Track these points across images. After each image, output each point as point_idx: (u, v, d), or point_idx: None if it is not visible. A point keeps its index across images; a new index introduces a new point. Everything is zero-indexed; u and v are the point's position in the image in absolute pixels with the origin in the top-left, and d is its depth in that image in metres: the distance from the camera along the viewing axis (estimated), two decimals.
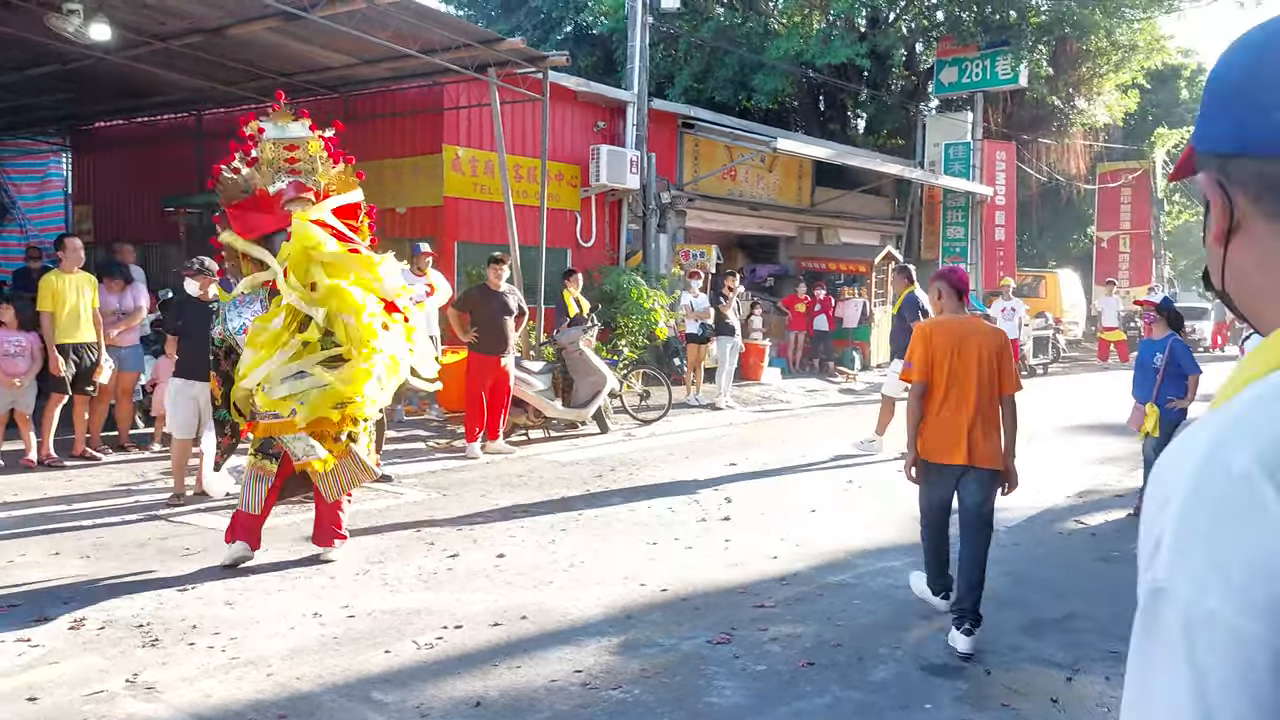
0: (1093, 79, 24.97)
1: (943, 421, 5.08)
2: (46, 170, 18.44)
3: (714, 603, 5.42)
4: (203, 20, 10.48)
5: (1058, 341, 21.05)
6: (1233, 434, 0.75)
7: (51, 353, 8.31)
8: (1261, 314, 0.90)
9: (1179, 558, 0.74)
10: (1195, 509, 0.74)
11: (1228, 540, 0.71)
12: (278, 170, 5.74)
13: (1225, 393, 0.82)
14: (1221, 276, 0.93)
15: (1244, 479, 0.72)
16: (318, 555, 6.03)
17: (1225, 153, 0.89)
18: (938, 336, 5.14)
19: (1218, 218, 0.90)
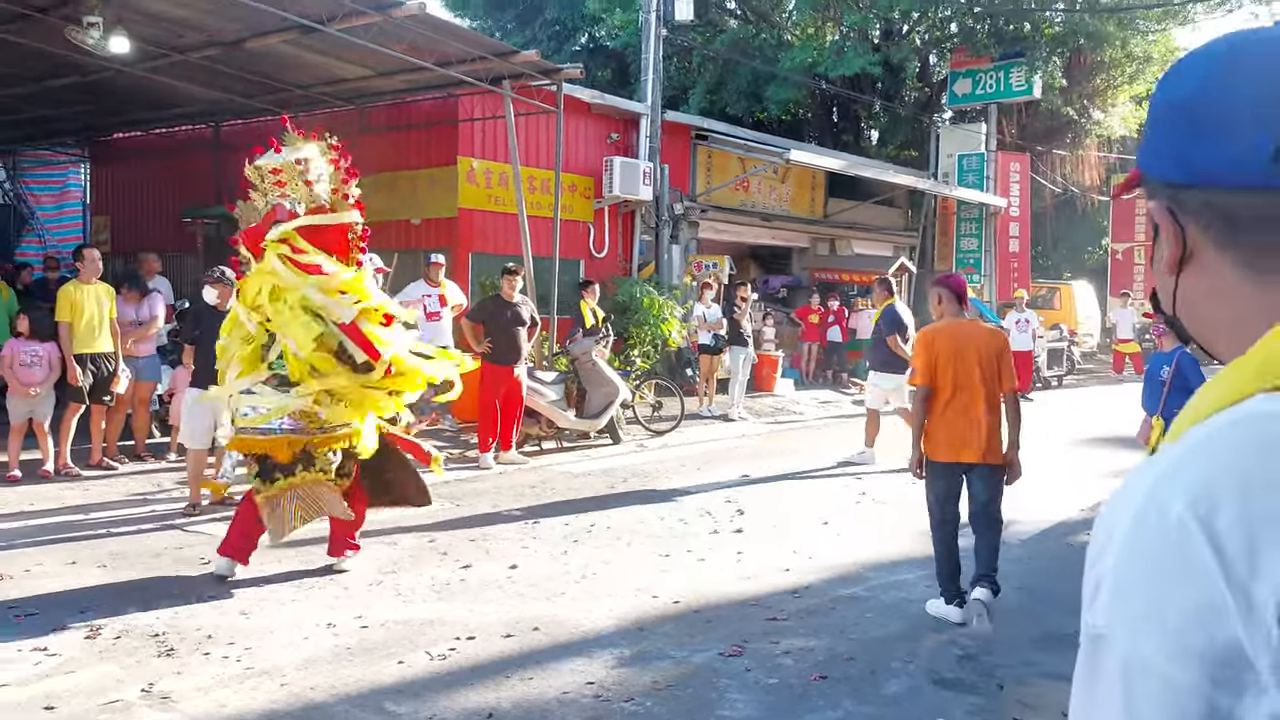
0: (1107, 90, 24.93)
1: (948, 422, 5.37)
2: (65, 181, 18.62)
3: (726, 615, 5.43)
4: (221, 33, 10.58)
5: (1072, 353, 20.98)
6: (1170, 479, 0.74)
7: (69, 362, 8.38)
8: (1214, 344, 0.90)
9: (1117, 603, 0.74)
10: (1132, 555, 0.74)
11: (1162, 589, 0.71)
12: (266, 194, 5.84)
13: (1175, 430, 0.81)
14: (1173, 303, 0.92)
15: (1178, 526, 0.71)
16: (331, 565, 6.06)
17: (1175, 182, 0.87)
18: (939, 341, 5.41)
19: (1170, 245, 0.88)
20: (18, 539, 6.50)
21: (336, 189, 5.97)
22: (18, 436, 8.30)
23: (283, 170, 5.79)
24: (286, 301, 5.57)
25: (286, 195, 5.77)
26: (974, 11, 22.78)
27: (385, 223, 14.19)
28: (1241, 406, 0.76)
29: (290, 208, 5.76)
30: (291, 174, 5.79)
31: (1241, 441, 0.73)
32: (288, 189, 5.78)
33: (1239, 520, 0.69)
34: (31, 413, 8.26)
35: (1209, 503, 0.70)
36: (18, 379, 8.21)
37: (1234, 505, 0.69)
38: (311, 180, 5.81)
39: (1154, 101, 0.92)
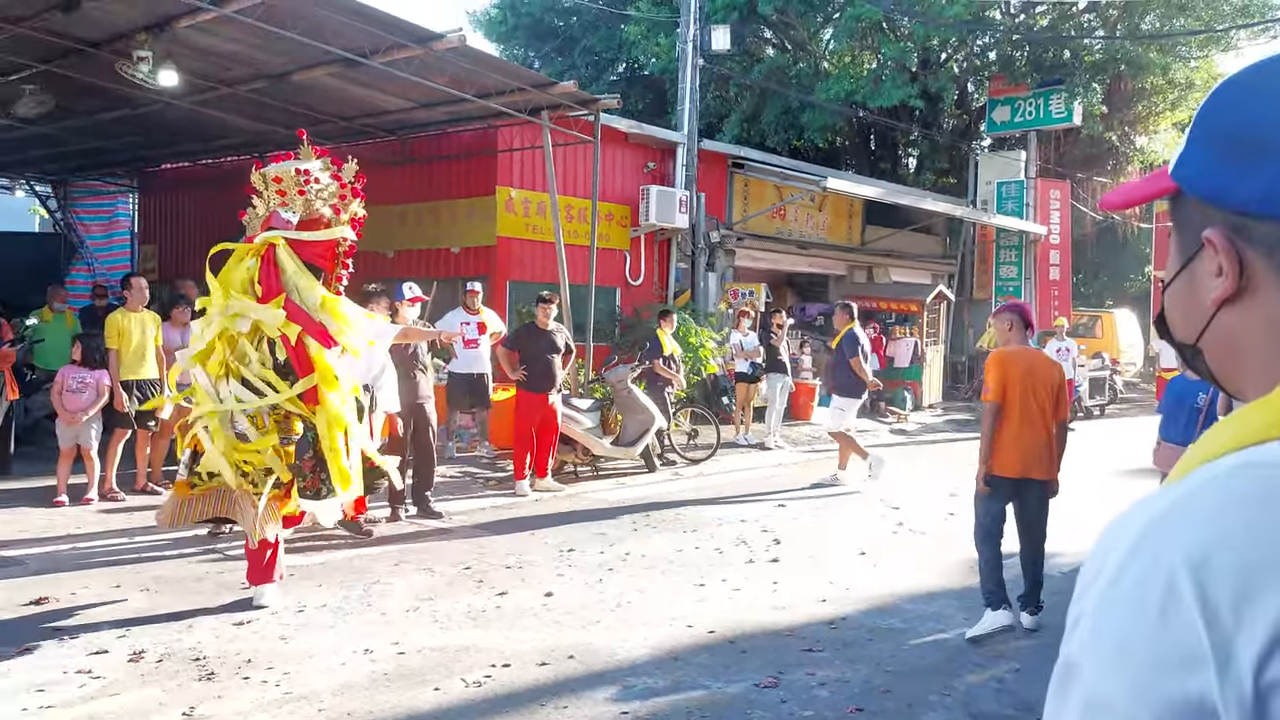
0: (1149, 117, 24.72)
1: (1021, 440, 5.78)
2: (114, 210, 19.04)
3: (761, 645, 5.41)
4: (267, 66, 10.81)
5: (1114, 382, 20.70)
6: (1167, 521, 0.72)
7: (116, 389, 8.56)
8: (1245, 379, 0.84)
9: (1093, 639, 0.72)
10: (1116, 594, 0.72)
11: (1138, 631, 0.69)
12: (268, 202, 5.99)
13: (1183, 467, 0.78)
14: (1199, 333, 0.86)
15: (1167, 571, 0.68)
16: (369, 590, 6.12)
17: (1251, 214, 0.80)
18: (1010, 364, 5.82)
19: (1225, 275, 0.82)
20: (64, 562, 6.63)
21: (334, 204, 6.06)
22: (66, 462, 8.47)
23: (283, 178, 5.92)
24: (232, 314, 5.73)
25: (284, 204, 5.89)
26: (1013, 39, 22.71)
27: (425, 251, 14.39)
28: (1257, 451, 0.73)
29: (285, 216, 5.87)
30: (291, 184, 5.91)
31: (1248, 489, 0.70)
32: (286, 198, 5.90)
33: (1230, 571, 0.66)
34: (78, 438, 8.43)
35: (1202, 550, 0.68)
36: (64, 405, 8.39)
37: (1227, 555, 0.67)
38: (306, 192, 5.90)
39: (1212, 119, 0.84)
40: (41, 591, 5.89)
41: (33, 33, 9.62)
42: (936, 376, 19.57)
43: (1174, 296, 0.89)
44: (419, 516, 8.32)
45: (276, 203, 5.93)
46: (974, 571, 7.01)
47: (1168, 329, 0.92)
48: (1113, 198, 0.98)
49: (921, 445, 14.99)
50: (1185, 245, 0.87)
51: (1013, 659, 5.37)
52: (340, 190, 6.08)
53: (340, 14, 8.97)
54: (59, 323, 11.04)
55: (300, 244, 5.90)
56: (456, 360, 10.83)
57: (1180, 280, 0.88)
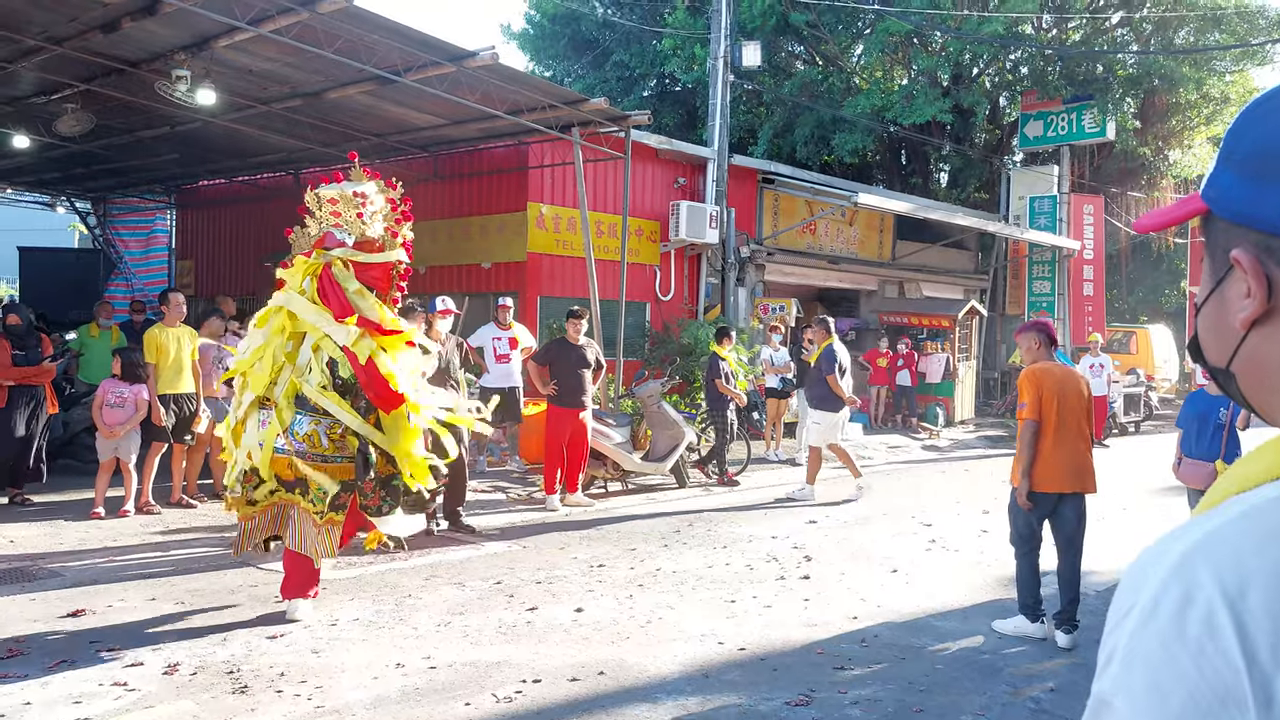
0: (1183, 131, 24.49)
1: (1061, 455, 5.89)
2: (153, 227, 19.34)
3: (793, 663, 5.38)
4: (303, 85, 10.96)
5: (1149, 399, 20.45)
6: (1202, 553, 0.70)
7: (154, 403, 8.67)
8: (1275, 406, 0.82)
9: (1125, 674, 0.70)
10: (1150, 629, 0.70)
11: (1172, 667, 0.67)
12: (321, 222, 6.06)
13: (1214, 496, 0.77)
14: (1230, 357, 0.85)
15: (1204, 606, 0.67)
16: (400, 605, 6.15)
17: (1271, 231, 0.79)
18: (1046, 380, 5.94)
19: (1253, 298, 0.81)
20: (101, 575, 6.71)
21: (389, 228, 6.13)
22: (105, 475, 8.59)
23: (339, 200, 5.98)
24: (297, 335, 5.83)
25: (339, 225, 5.97)
26: (1045, 54, 22.59)
27: (457, 266, 14.49)
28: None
29: (340, 237, 5.95)
30: (347, 205, 5.98)
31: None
32: (341, 219, 5.97)
33: (1269, 608, 0.65)
34: (116, 451, 8.54)
35: (1239, 585, 0.66)
36: (103, 420, 8.51)
37: (1267, 591, 0.65)
38: (364, 214, 5.98)
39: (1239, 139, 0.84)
40: (78, 604, 5.97)
41: (75, 53, 9.83)
42: (969, 392, 19.42)
43: (1206, 319, 0.88)
44: (450, 531, 8.35)
45: (331, 223, 6.01)
46: (1007, 589, 6.98)
47: (1200, 352, 0.90)
48: (1146, 221, 0.98)
49: (954, 461, 14.86)
50: (1216, 267, 0.86)
51: (1048, 679, 5.31)
52: (394, 213, 6.17)
53: (375, 33, 9.09)
54: (105, 338, 11.21)
55: (357, 265, 5.99)
56: (488, 375, 10.88)
57: (1211, 302, 0.87)
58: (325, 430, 5.81)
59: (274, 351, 5.86)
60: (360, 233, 6.00)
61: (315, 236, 6.03)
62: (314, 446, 5.80)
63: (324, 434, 5.81)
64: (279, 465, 5.81)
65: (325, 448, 5.81)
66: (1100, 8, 22.82)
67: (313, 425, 5.79)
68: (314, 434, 5.80)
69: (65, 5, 8.65)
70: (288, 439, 5.76)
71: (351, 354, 5.73)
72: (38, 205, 20.88)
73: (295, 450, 5.77)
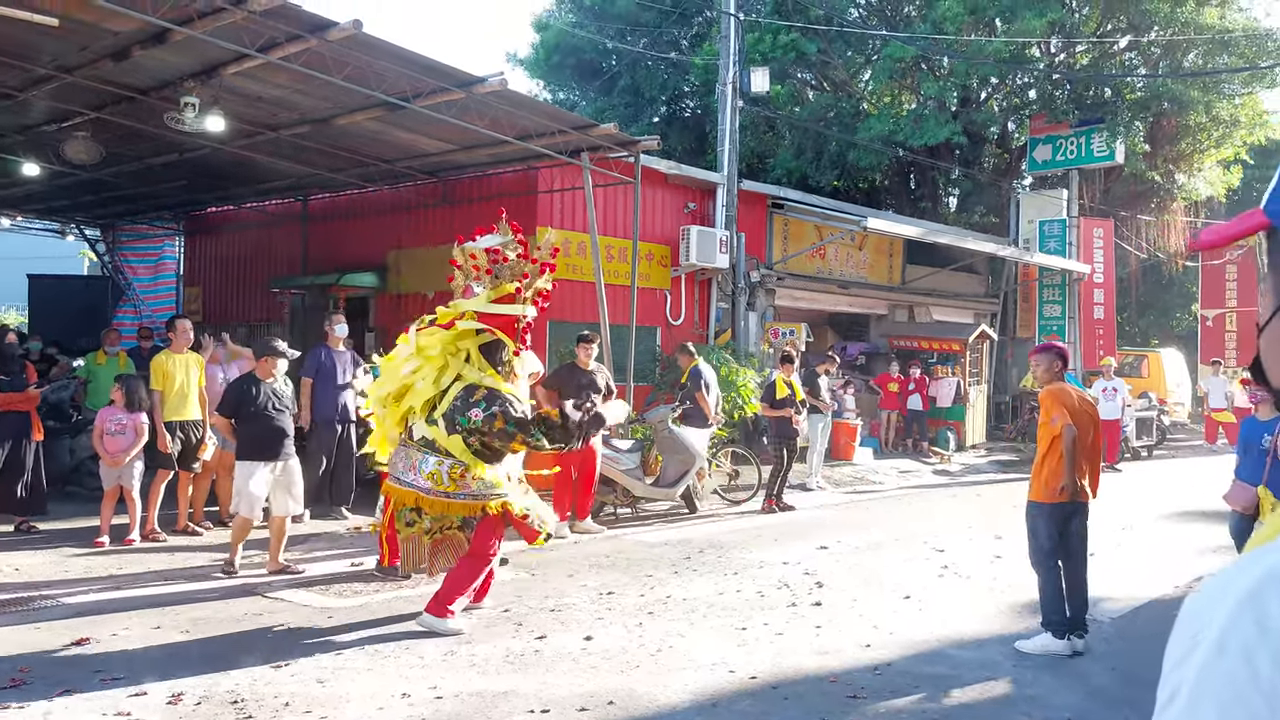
0: (1193, 155, 24.41)
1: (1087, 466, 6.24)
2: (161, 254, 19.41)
3: (805, 692, 5.28)
4: (312, 111, 10.99)
5: (1162, 423, 20.29)
6: (1275, 585, 0.66)
7: (160, 430, 8.63)
8: None
9: (1191, 715, 0.66)
10: (1219, 667, 0.66)
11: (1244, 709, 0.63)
12: (467, 276, 6.54)
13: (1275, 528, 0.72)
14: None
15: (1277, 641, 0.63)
16: (407, 633, 6.07)
17: None
18: (1066, 397, 6.24)
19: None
20: (105, 603, 6.65)
21: (520, 286, 6.46)
22: (109, 502, 8.54)
23: (477, 256, 6.47)
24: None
25: (479, 279, 6.43)
26: (1053, 78, 22.61)
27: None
28: None
29: (477, 290, 6.42)
30: (483, 261, 6.44)
31: None
32: (479, 274, 6.44)
33: None
34: (120, 479, 8.49)
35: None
36: (105, 448, 8.46)
37: None
38: (495, 270, 6.43)
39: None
40: (82, 632, 5.91)
41: (85, 81, 9.87)
42: (980, 417, 19.30)
43: (1271, 340, 0.84)
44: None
45: (473, 277, 6.48)
46: (1021, 616, 6.90)
47: (1262, 373, 0.86)
48: (1206, 237, 0.93)
49: (965, 486, 14.74)
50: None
51: (1065, 709, 5.19)
52: (527, 267, 6.55)
53: (383, 59, 9.10)
54: (111, 365, 11.20)
55: (489, 316, 6.40)
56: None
57: (1276, 322, 0.83)
58: (447, 470, 6.15)
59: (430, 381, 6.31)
60: (494, 286, 6.42)
61: (462, 288, 6.52)
62: (437, 484, 6.16)
63: (445, 473, 6.15)
64: (405, 497, 6.24)
65: (446, 485, 6.15)
66: (1108, 31, 22.83)
67: (436, 465, 6.16)
68: (436, 473, 6.15)
69: (76, 34, 8.69)
70: (415, 474, 6.20)
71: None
72: (47, 233, 20.97)
73: (421, 488, 6.18)
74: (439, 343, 6.37)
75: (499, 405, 6.11)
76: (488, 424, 6.07)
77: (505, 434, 6.10)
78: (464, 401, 6.15)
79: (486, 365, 6.37)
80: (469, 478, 6.15)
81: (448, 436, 6.13)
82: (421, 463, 6.18)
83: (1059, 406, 6.16)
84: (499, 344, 6.43)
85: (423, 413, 6.27)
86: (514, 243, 6.56)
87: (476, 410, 6.09)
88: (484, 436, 6.13)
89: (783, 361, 12.01)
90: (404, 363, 6.44)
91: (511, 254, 6.49)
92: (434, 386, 6.27)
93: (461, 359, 6.35)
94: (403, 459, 6.32)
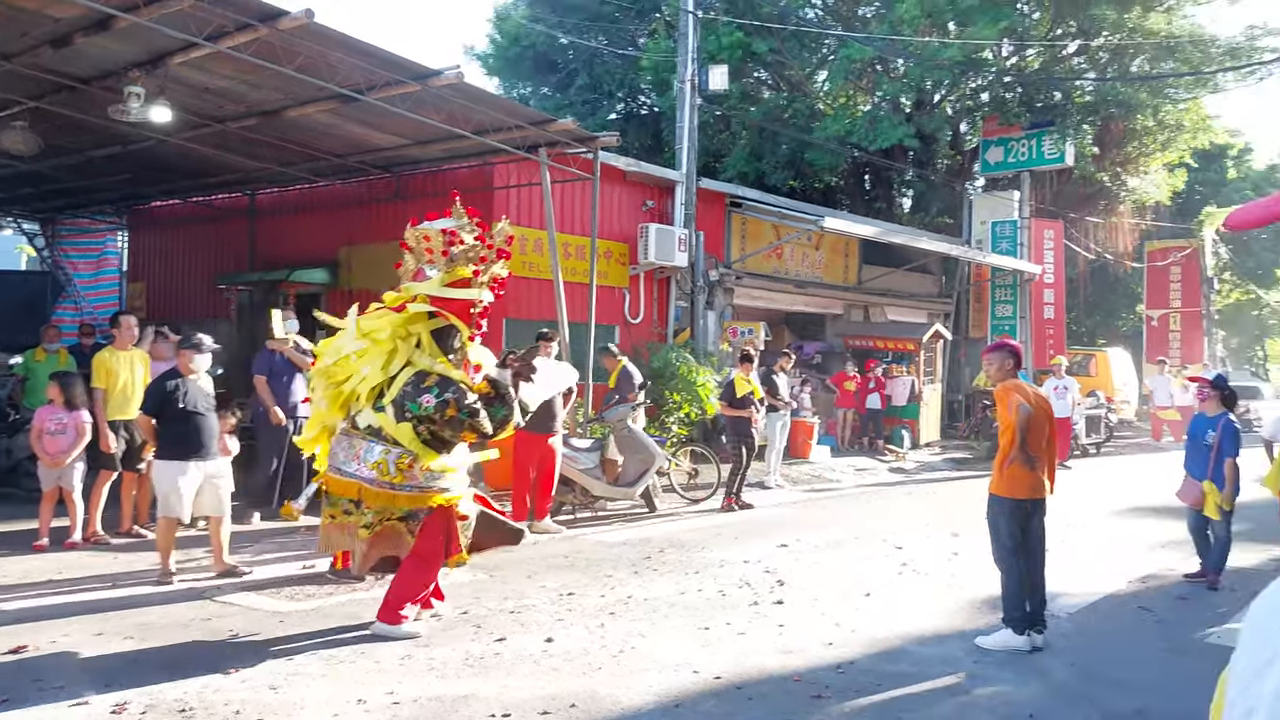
0: (1140, 158, 24.86)
1: (1028, 463, 6.19)
2: (104, 249, 18.90)
3: (768, 691, 5.21)
4: (261, 104, 10.73)
5: (1110, 420, 20.60)
6: None
7: (103, 429, 8.34)
8: None
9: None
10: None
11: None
12: (419, 259, 6.25)
13: None
14: None
15: None
16: (362, 636, 5.91)
17: None
18: (1023, 392, 6.23)
19: None
20: (45, 609, 6.39)
21: (477, 270, 6.17)
22: (48, 504, 8.22)
23: (431, 238, 6.15)
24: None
25: (431, 261, 6.12)
26: (1005, 81, 22.86)
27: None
28: None
29: (430, 274, 6.12)
30: (437, 243, 6.12)
31: None
32: (433, 257, 6.12)
33: None
34: (60, 480, 8.19)
35: None
36: (44, 449, 8.15)
37: None
38: (450, 253, 6.09)
39: None
40: (20, 639, 5.66)
41: (24, 69, 9.53)
42: (934, 415, 19.45)
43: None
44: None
45: (425, 260, 6.17)
46: (980, 612, 6.91)
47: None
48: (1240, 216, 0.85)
49: (920, 484, 14.82)
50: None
51: (1026, 705, 5.17)
52: (484, 251, 6.22)
53: (336, 50, 8.89)
54: (51, 362, 10.85)
55: (443, 300, 6.08)
56: None
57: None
58: (394, 460, 5.84)
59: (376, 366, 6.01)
60: (449, 270, 6.10)
61: (413, 271, 6.21)
62: (383, 474, 5.84)
63: (392, 463, 5.84)
64: (346, 489, 5.93)
65: (393, 476, 5.84)
66: (1058, 36, 23.14)
67: (383, 454, 5.84)
68: (383, 463, 5.84)
69: (15, 20, 8.37)
70: (359, 465, 5.88)
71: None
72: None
73: (365, 478, 5.86)
74: (388, 326, 6.06)
75: (451, 392, 5.82)
76: (439, 411, 5.79)
77: (457, 422, 5.83)
78: (414, 388, 5.85)
79: (438, 351, 6.08)
80: (417, 468, 5.86)
81: (396, 424, 5.84)
82: (366, 452, 5.86)
83: (1016, 399, 6.15)
84: (452, 329, 6.15)
85: (369, 400, 5.96)
86: (471, 225, 6.25)
87: (428, 396, 5.80)
88: (434, 425, 5.86)
89: (742, 360, 11.97)
90: (348, 344, 6.12)
91: (468, 236, 6.18)
92: (382, 372, 5.95)
93: (412, 344, 6.05)
94: (345, 448, 5.98)
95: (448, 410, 5.80)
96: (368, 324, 6.13)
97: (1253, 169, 34.40)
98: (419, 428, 5.87)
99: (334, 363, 6.13)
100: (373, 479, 5.84)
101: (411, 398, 5.83)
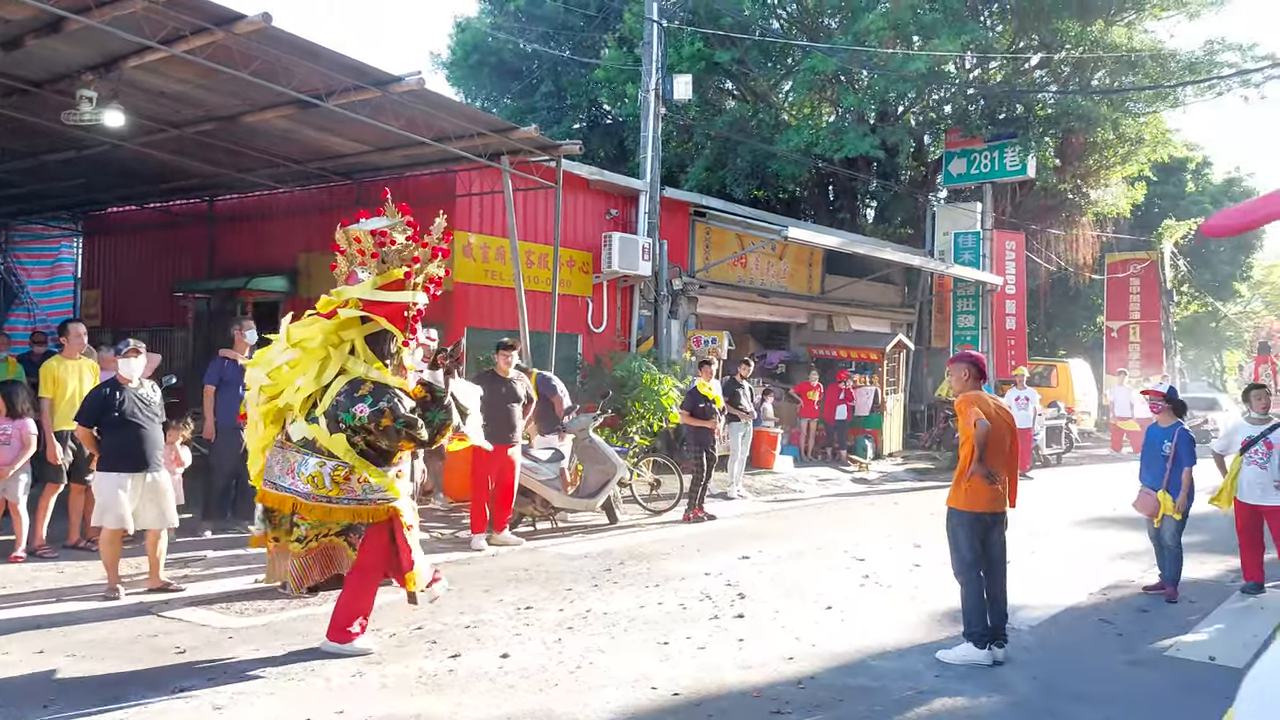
0: (1100, 170, 25.16)
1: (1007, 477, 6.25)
2: (58, 255, 18.56)
3: (728, 707, 5.15)
4: (218, 109, 10.57)
5: (1070, 431, 20.78)
6: None
7: (50, 440, 8.12)
8: None
9: None
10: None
11: None
12: (351, 260, 6.05)
13: None
14: None
15: None
16: (312, 653, 5.78)
17: None
18: (983, 404, 6.22)
19: None
20: None
21: (409, 270, 5.97)
22: None
23: (361, 239, 5.94)
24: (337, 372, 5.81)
25: (364, 263, 5.92)
26: (968, 94, 23.06)
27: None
28: None
29: (362, 276, 5.91)
30: (368, 244, 5.92)
31: None
32: (364, 258, 5.92)
33: None
34: (4, 491, 7.94)
35: None
36: None
37: None
38: (380, 254, 5.90)
39: None
40: None
41: None
42: (897, 425, 19.51)
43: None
44: None
45: (357, 262, 5.96)
46: (942, 625, 6.88)
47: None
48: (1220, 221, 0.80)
49: (883, 494, 14.84)
50: None
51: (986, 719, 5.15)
52: (416, 251, 6.02)
53: (294, 54, 8.77)
54: (0, 371, 10.59)
55: (374, 304, 5.88)
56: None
57: None
58: (329, 473, 5.63)
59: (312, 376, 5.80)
60: (381, 271, 5.90)
61: (345, 274, 6.01)
62: (317, 488, 5.63)
63: (328, 476, 5.63)
64: (282, 503, 5.75)
65: (328, 489, 5.64)
66: (1021, 49, 23.38)
67: (317, 467, 5.63)
68: (317, 475, 5.63)
69: None
70: (293, 478, 5.66)
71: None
72: None
73: (300, 492, 5.66)
74: (320, 333, 5.84)
75: (386, 401, 5.64)
76: (374, 420, 5.60)
77: (393, 432, 5.65)
78: (348, 397, 5.64)
79: (373, 357, 5.87)
80: (354, 480, 5.66)
81: (330, 436, 5.63)
82: (301, 465, 5.65)
83: (976, 410, 6.15)
84: (386, 334, 5.94)
85: (303, 411, 5.74)
86: (402, 224, 6.03)
87: (362, 406, 5.60)
88: (370, 435, 5.67)
89: (701, 365, 11.96)
90: (279, 354, 5.91)
91: (400, 236, 5.96)
92: (315, 382, 5.74)
93: (345, 351, 5.84)
94: (280, 462, 5.76)
95: (383, 420, 5.62)
96: (299, 332, 5.91)
97: (1211, 182, 34.91)
98: (354, 438, 5.68)
99: (266, 375, 5.91)
100: (308, 493, 5.63)
101: (345, 408, 5.63)
